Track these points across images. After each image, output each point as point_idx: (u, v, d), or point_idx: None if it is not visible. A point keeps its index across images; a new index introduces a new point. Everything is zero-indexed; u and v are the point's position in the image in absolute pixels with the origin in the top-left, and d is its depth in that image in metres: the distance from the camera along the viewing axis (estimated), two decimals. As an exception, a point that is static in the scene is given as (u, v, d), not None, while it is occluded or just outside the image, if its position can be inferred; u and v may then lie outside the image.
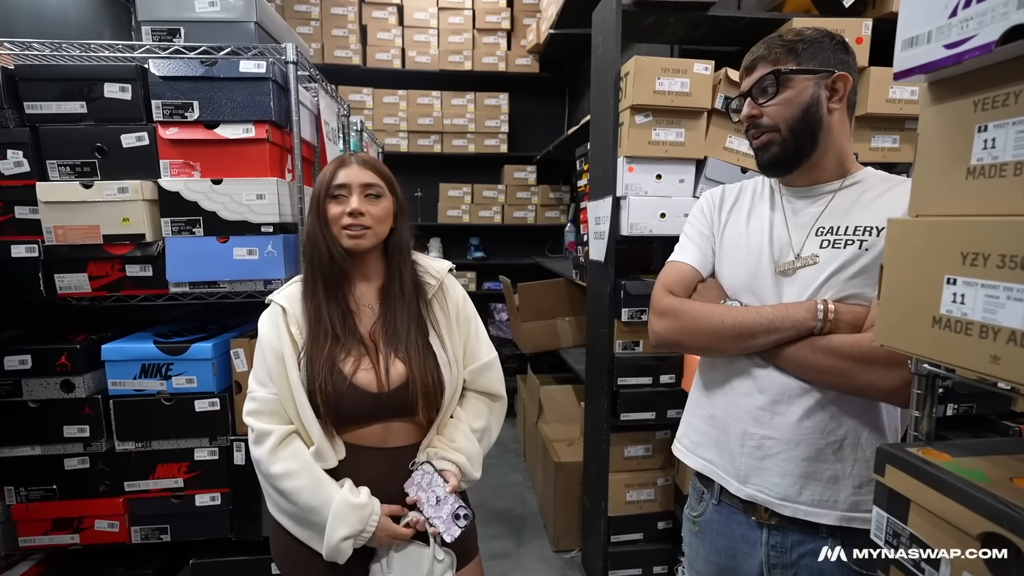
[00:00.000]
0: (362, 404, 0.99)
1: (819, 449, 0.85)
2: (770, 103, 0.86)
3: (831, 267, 0.85)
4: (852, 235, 0.85)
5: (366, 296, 1.07)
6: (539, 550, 2.25)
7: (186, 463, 1.48)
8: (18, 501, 1.47)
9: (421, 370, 1.00)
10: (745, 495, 0.91)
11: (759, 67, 0.87)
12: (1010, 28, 0.49)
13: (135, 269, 1.41)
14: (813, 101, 0.85)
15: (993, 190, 0.54)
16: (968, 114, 0.57)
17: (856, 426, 0.85)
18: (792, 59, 0.85)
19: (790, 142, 0.86)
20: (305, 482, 0.96)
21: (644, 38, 1.94)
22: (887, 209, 0.83)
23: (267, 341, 1.01)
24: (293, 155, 1.51)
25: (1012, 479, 0.58)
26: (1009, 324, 0.50)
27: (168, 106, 1.36)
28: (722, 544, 0.97)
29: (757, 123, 0.89)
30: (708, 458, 0.99)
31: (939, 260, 0.57)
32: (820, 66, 0.85)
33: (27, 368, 1.41)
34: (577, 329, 2.78)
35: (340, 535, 0.94)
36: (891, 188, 0.86)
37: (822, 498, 0.85)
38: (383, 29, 3.56)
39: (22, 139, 1.36)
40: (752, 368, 0.91)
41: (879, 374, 0.77)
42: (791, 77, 0.85)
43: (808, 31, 0.87)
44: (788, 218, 0.92)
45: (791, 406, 0.87)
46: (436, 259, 1.15)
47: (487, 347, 1.15)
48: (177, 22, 1.46)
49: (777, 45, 0.86)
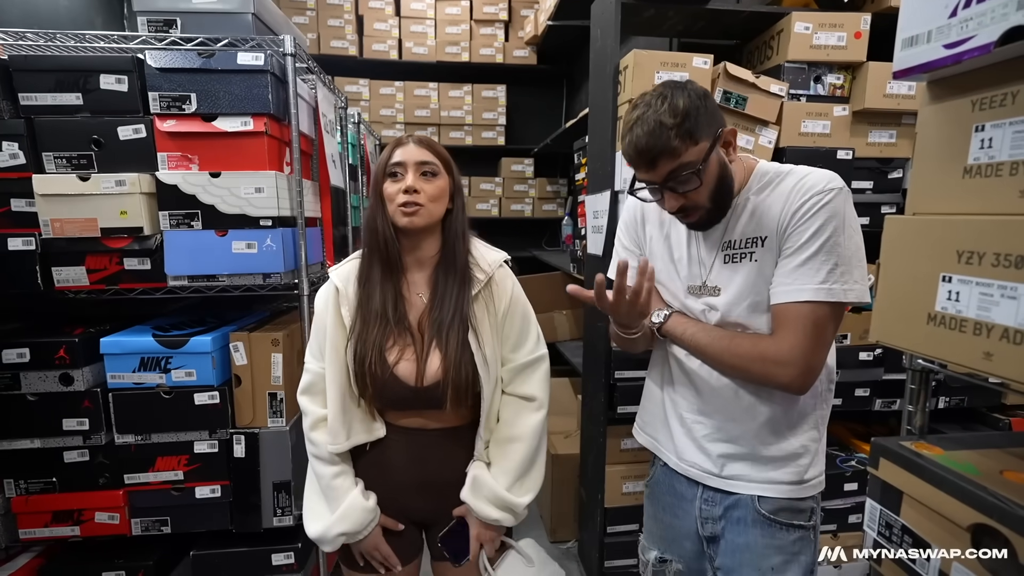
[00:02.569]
0: (399, 394, 1.02)
1: (738, 435, 0.97)
2: (693, 191, 0.88)
3: (729, 294, 0.95)
4: (745, 247, 0.93)
5: (418, 284, 1.07)
6: (536, 541, 2.27)
7: (186, 456, 1.49)
8: (18, 494, 1.47)
9: (456, 366, 1.00)
10: (680, 468, 1.05)
11: (661, 163, 0.86)
12: (1009, 29, 0.49)
13: (133, 262, 1.41)
14: (722, 169, 0.90)
15: (989, 189, 0.55)
16: (966, 114, 0.57)
17: (771, 416, 0.95)
18: (689, 143, 0.84)
19: (713, 209, 0.92)
20: (327, 470, 1.04)
21: (643, 31, 1.93)
22: (770, 213, 0.90)
23: (319, 317, 1.06)
24: (291, 148, 1.50)
25: (1002, 472, 0.60)
26: (1002, 321, 0.51)
27: (165, 98, 1.35)
28: (668, 502, 1.09)
29: (684, 208, 0.91)
30: (654, 436, 1.12)
31: (935, 258, 0.58)
32: (710, 133, 0.86)
33: (26, 361, 1.40)
34: (574, 322, 2.79)
35: (338, 530, 1.01)
36: (774, 189, 0.92)
37: (739, 474, 0.98)
38: (380, 19, 3.52)
39: (17, 131, 1.35)
40: (683, 363, 1.02)
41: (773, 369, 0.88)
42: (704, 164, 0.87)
43: (680, 102, 0.84)
44: (700, 240, 1.00)
45: (714, 397, 0.99)
46: (491, 249, 1.11)
47: (533, 345, 1.10)
48: (173, 12, 1.44)
49: (669, 136, 0.84)
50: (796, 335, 0.85)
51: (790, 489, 0.95)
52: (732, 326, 0.95)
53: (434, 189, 1.01)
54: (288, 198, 1.48)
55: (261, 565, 1.58)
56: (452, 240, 1.05)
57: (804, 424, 0.96)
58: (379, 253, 1.02)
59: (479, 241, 1.11)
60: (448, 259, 1.05)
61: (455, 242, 1.05)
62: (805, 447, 0.96)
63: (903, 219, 0.63)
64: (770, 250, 0.90)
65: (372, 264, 1.03)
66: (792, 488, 0.95)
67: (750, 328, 0.94)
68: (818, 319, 0.85)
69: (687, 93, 0.85)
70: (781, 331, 0.88)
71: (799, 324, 0.85)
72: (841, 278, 0.83)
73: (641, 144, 0.85)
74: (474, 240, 1.10)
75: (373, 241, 1.03)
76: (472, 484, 1.04)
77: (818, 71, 1.71)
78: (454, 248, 1.04)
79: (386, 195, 1.01)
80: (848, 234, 0.84)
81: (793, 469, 0.95)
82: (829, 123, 1.71)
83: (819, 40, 1.67)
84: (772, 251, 0.90)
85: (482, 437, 1.06)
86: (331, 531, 1.01)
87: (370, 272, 1.03)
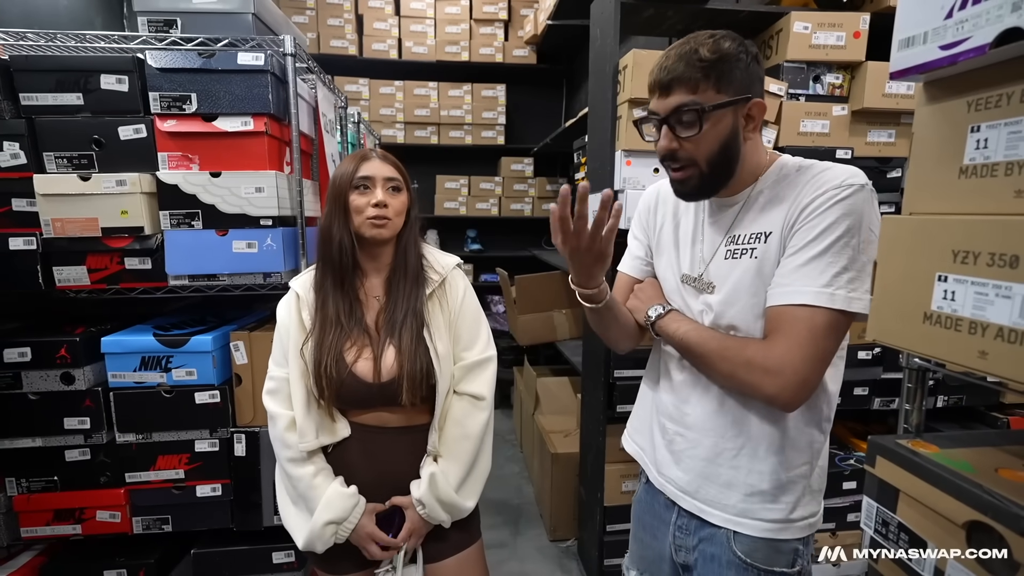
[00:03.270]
0: (359, 392, 1.05)
1: (717, 453, 0.88)
2: (690, 137, 0.81)
3: (723, 293, 0.87)
4: (747, 243, 0.85)
5: (374, 287, 1.12)
6: (536, 540, 2.28)
7: (187, 454, 1.49)
8: (19, 492, 1.47)
9: (411, 360, 1.04)
10: (658, 483, 0.99)
11: (675, 90, 0.80)
12: (1004, 31, 0.50)
13: (134, 262, 1.41)
14: (731, 134, 0.81)
15: (985, 189, 0.55)
16: (962, 114, 0.58)
17: (756, 438, 0.85)
18: (711, 85, 0.78)
19: (707, 176, 0.84)
20: (304, 471, 1.04)
21: (642, 31, 1.94)
22: (779, 206, 0.82)
23: (282, 324, 1.09)
24: (291, 148, 1.50)
25: (997, 469, 0.61)
26: (997, 321, 0.51)
27: (166, 98, 1.36)
28: (647, 522, 1.03)
29: (675, 155, 0.83)
30: (641, 445, 1.06)
31: (931, 257, 0.58)
32: (737, 92, 0.79)
33: (27, 360, 1.41)
34: (574, 322, 2.79)
35: (324, 519, 1.01)
36: (790, 181, 0.83)
37: (715, 499, 0.89)
38: (379, 19, 3.53)
39: (18, 131, 1.35)
40: (670, 362, 0.96)
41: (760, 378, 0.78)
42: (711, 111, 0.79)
43: (726, 44, 0.78)
44: (706, 226, 0.92)
45: (697, 408, 0.90)
46: (444, 254, 1.18)
47: (484, 345, 1.15)
48: (173, 12, 1.44)
49: (696, 67, 0.78)
50: (788, 341, 0.76)
51: (769, 527, 0.85)
52: (726, 329, 0.87)
53: (399, 204, 1.08)
54: (288, 198, 1.49)
55: (262, 563, 1.59)
56: (405, 247, 1.11)
57: (796, 452, 0.85)
58: (333, 263, 1.06)
59: (430, 248, 1.18)
60: (401, 264, 1.11)
61: (408, 248, 1.11)
62: (792, 480, 0.85)
63: (899, 219, 0.63)
64: (773, 247, 0.81)
65: (325, 273, 1.08)
66: (772, 527, 0.85)
67: (746, 333, 0.85)
68: (815, 327, 0.74)
69: (737, 44, 0.79)
70: (774, 336, 0.78)
71: (793, 330, 0.76)
72: (849, 284, 0.73)
73: (667, 64, 0.80)
74: (427, 246, 1.17)
75: (328, 251, 1.06)
76: (429, 481, 1.06)
77: (817, 71, 1.72)
78: (407, 254, 1.11)
79: (353, 207, 1.05)
80: (865, 237, 0.74)
81: (776, 505, 0.85)
82: (828, 123, 1.71)
83: (818, 40, 1.67)
84: (776, 248, 0.81)
85: (436, 429, 1.09)
86: (318, 522, 1.01)
87: (324, 281, 1.08)
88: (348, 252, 1.05)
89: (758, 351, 0.79)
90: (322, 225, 1.08)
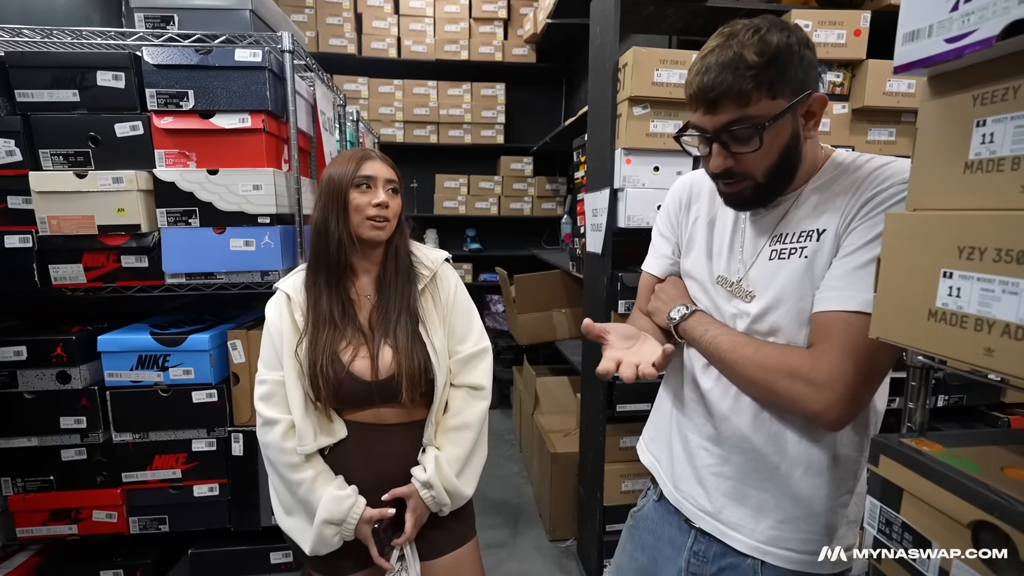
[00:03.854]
0: (357, 390, 1.04)
1: (747, 472, 0.80)
2: (748, 153, 0.71)
3: (767, 296, 0.77)
4: (797, 242, 0.76)
5: (366, 287, 1.12)
6: (535, 540, 2.27)
7: (184, 454, 1.48)
8: (15, 492, 1.47)
9: (408, 356, 1.04)
10: (674, 500, 0.90)
11: (723, 106, 0.69)
12: (1011, 23, 0.49)
13: (131, 260, 1.40)
14: (792, 140, 0.72)
15: (990, 184, 0.54)
16: (967, 108, 0.57)
17: (794, 458, 0.77)
18: (765, 93, 0.68)
19: (765, 186, 0.75)
20: (304, 476, 1.02)
21: (642, 29, 1.93)
22: (835, 202, 0.74)
23: (272, 326, 1.07)
24: (290, 145, 1.50)
25: (1003, 469, 0.60)
26: (1004, 317, 0.50)
27: (162, 95, 1.35)
28: (648, 542, 0.95)
29: (731, 172, 0.74)
30: (656, 455, 0.97)
31: (935, 254, 0.57)
32: (795, 92, 0.69)
33: (22, 359, 1.40)
34: (573, 321, 2.79)
35: (322, 519, 1.01)
36: (847, 176, 0.75)
37: (740, 522, 0.81)
38: (378, 17, 3.52)
39: (14, 127, 1.34)
40: (698, 374, 0.86)
41: (802, 391, 0.71)
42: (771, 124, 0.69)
43: (774, 38, 0.68)
44: (748, 224, 0.83)
45: (727, 422, 0.81)
46: (433, 249, 1.18)
47: (477, 337, 1.16)
48: (171, 8, 1.43)
49: (746, 76, 0.67)
50: (841, 352, 0.67)
51: (803, 560, 0.76)
52: (764, 336, 0.77)
53: (397, 206, 1.09)
54: (286, 195, 1.48)
55: (259, 563, 1.58)
56: (396, 247, 1.12)
57: (838, 478, 0.76)
58: (328, 260, 1.05)
59: (418, 244, 1.18)
60: (391, 262, 1.11)
61: (398, 248, 1.12)
62: (832, 509, 0.77)
63: (903, 215, 0.63)
64: (827, 246, 0.72)
65: (318, 273, 1.07)
66: (806, 560, 0.76)
67: (787, 341, 0.75)
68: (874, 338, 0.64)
69: (787, 34, 0.68)
70: (822, 344, 0.69)
71: (846, 340, 0.67)
72: None
73: (709, 77, 0.68)
74: (414, 243, 1.17)
75: (323, 248, 1.06)
76: (435, 464, 1.05)
77: (817, 69, 1.71)
78: (397, 252, 1.11)
79: (354, 204, 1.04)
80: None
81: (812, 535, 0.76)
82: (828, 121, 1.71)
83: (819, 38, 1.66)
84: (829, 247, 0.72)
85: (432, 423, 1.09)
86: (318, 524, 1.01)
87: (316, 279, 1.07)
88: (345, 250, 1.05)
89: (804, 360, 0.70)
90: (317, 222, 1.06)
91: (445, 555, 1.11)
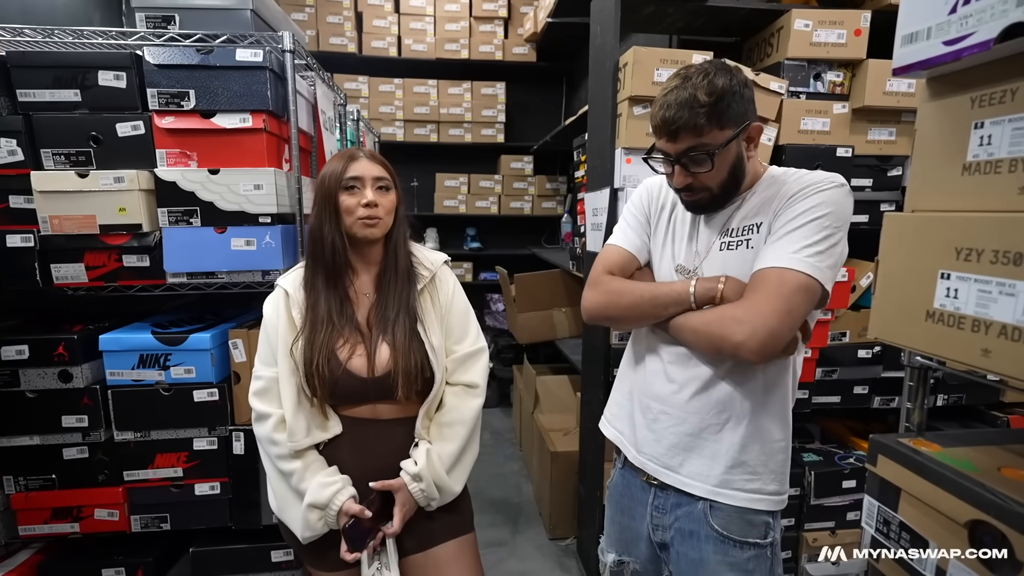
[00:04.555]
0: (354, 387, 1.06)
1: (702, 428, 0.95)
2: (703, 173, 0.89)
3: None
4: (742, 235, 0.93)
5: (365, 285, 1.13)
6: (535, 538, 2.28)
7: (185, 453, 1.49)
8: (17, 490, 1.47)
9: (405, 355, 1.06)
10: (638, 462, 1.03)
11: (682, 136, 0.87)
12: (1009, 26, 0.49)
13: (132, 259, 1.40)
14: (737, 159, 0.90)
15: (988, 186, 0.55)
16: (965, 111, 0.57)
17: (738, 412, 0.93)
18: (714, 125, 0.85)
19: (719, 195, 0.93)
20: (295, 466, 1.05)
21: (643, 28, 1.93)
22: (770, 202, 0.91)
23: (270, 323, 1.09)
24: (290, 145, 1.50)
25: (1000, 468, 0.60)
26: (1000, 318, 0.51)
27: (164, 95, 1.35)
28: (625, 504, 1.09)
29: (691, 187, 0.92)
30: (620, 428, 1.10)
31: (933, 255, 0.58)
32: (737, 123, 0.87)
33: (24, 358, 1.40)
34: (573, 320, 2.79)
35: (307, 502, 1.03)
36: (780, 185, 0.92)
37: (698, 471, 0.95)
38: (379, 16, 3.51)
39: (15, 127, 1.34)
40: (659, 346, 1.01)
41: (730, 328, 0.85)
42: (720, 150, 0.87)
43: (719, 81, 0.85)
44: (702, 223, 1.00)
45: (685, 386, 0.97)
46: (433, 251, 1.20)
47: (474, 337, 1.18)
48: (172, 8, 1.44)
49: (699, 112, 0.85)
50: (759, 295, 0.83)
51: (747, 498, 0.93)
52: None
53: (388, 203, 1.09)
54: (287, 195, 1.48)
55: (260, 561, 1.59)
56: (395, 245, 1.12)
57: (773, 427, 0.94)
58: (325, 263, 1.07)
59: (418, 245, 1.20)
60: (391, 261, 1.12)
61: (397, 246, 1.12)
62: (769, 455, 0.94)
63: (902, 216, 0.63)
64: (763, 235, 0.90)
65: (316, 274, 1.08)
66: (750, 497, 0.93)
67: None
68: (783, 282, 0.82)
69: (730, 77, 0.86)
70: (749, 294, 0.86)
71: (765, 286, 0.83)
72: (816, 256, 0.82)
73: (669, 114, 0.86)
74: (414, 244, 1.18)
75: (319, 250, 1.07)
76: (427, 457, 1.07)
77: (818, 68, 1.71)
78: (396, 251, 1.12)
79: (344, 207, 1.06)
80: (838, 225, 0.83)
81: (755, 477, 0.93)
82: (829, 120, 1.71)
83: (819, 37, 1.67)
84: (764, 235, 0.90)
85: (424, 417, 1.11)
86: (303, 508, 1.02)
87: (314, 280, 1.08)
88: (341, 252, 1.07)
89: (735, 308, 0.86)
90: (312, 226, 1.09)
91: (440, 544, 1.11)
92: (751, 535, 0.93)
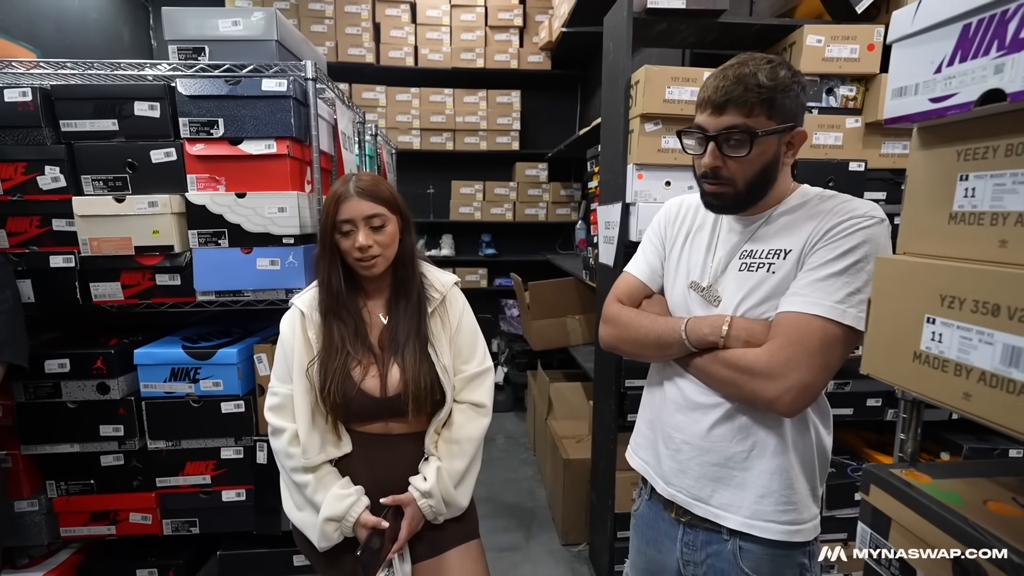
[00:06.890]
0: (367, 406, 1.10)
1: (727, 457, 0.91)
2: (737, 158, 0.84)
3: (731, 301, 0.90)
4: (765, 258, 0.88)
5: (377, 307, 1.18)
6: (548, 543, 2.32)
7: (213, 461, 1.57)
8: (59, 494, 1.57)
9: (415, 376, 1.09)
10: (667, 494, 0.99)
11: (729, 111, 0.82)
12: (987, 91, 0.52)
13: (164, 278, 1.49)
14: (773, 159, 0.85)
15: (971, 236, 0.57)
16: (952, 162, 0.60)
17: (762, 439, 0.89)
18: (764, 111, 0.81)
19: (743, 195, 0.87)
20: (309, 478, 1.09)
21: (655, 43, 1.95)
22: (802, 228, 0.86)
23: (286, 341, 1.13)
24: (312, 168, 1.56)
25: (986, 502, 0.63)
26: (980, 365, 0.54)
27: (195, 123, 1.43)
28: (651, 536, 1.06)
29: (718, 173, 0.86)
30: (644, 459, 1.07)
31: (921, 299, 0.60)
32: (785, 120, 0.83)
33: (66, 371, 1.49)
34: (587, 327, 2.82)
35: (324, 515, 1.07)
36: (813, 207, 0.87)
37: (729, 502, 0.91)
38: (396, 27, 3.58)
39: (59, 156, 1.43)
40: (676, 377, 0.97)
41: (761, 384, 0.82)
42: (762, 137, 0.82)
43: (782, 72, 0.82)
44: (721, 238, 0.95)
45: (704, 415, 0.93)
46: (443, 272, 1.23)
47: (481, 357, 1.21)
48: (202, 40, 1.51)
49: (754, 91, 0.80)
50: (798, 348, 0.78)
51: (782, 531, 0.88)
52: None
53: (386, 238, 1.09)
54: (309, 216, 1.55)
55: (283, 566, 1.66)
56: (404, 267, 1.15)
57: (803, 450, 0.89)
58: (334, 295, 1.11)
59: (428, 266, 1.22)
60: (401, 284, 1.15)
61: (407, 269, 1.15)
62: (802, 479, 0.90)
63: (893, 259, 0.66)
64: (791, 264, 0.85)
65: (327, 302, 1.12)
66: (784, 530, 0.88)
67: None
68: (827, 338, 0.78)
69: (792, 73, 0.82)
70: (777, 339, 0.80)
71: (802, 335, 0.78)
72: (860, 305, 0.77)
73: (725, 83, 0.81)
74: (425, 264, 1.21)
75: (327, 287, 1.11)
76: (437, 474, 1.11)
77: (831, 83, 1.72)
78: (406, 274, 1.15)
79: (342, 249, 1.09)
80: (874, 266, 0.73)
81: (788, 507, 0.88)
82: (841, 135, 1.71)
83: (831, 52, 1.67)
84: (792, 265, 0.84)
85: (433, 434, 1.15)
86: (320, 521, 1.07)
87: (326, 309, 1.12)
88: (341, 289, 1.11)
89: (759, 357, 0.82)
90: (317, 265, 1.13)
91: (448, 551, 1.16)
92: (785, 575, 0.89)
